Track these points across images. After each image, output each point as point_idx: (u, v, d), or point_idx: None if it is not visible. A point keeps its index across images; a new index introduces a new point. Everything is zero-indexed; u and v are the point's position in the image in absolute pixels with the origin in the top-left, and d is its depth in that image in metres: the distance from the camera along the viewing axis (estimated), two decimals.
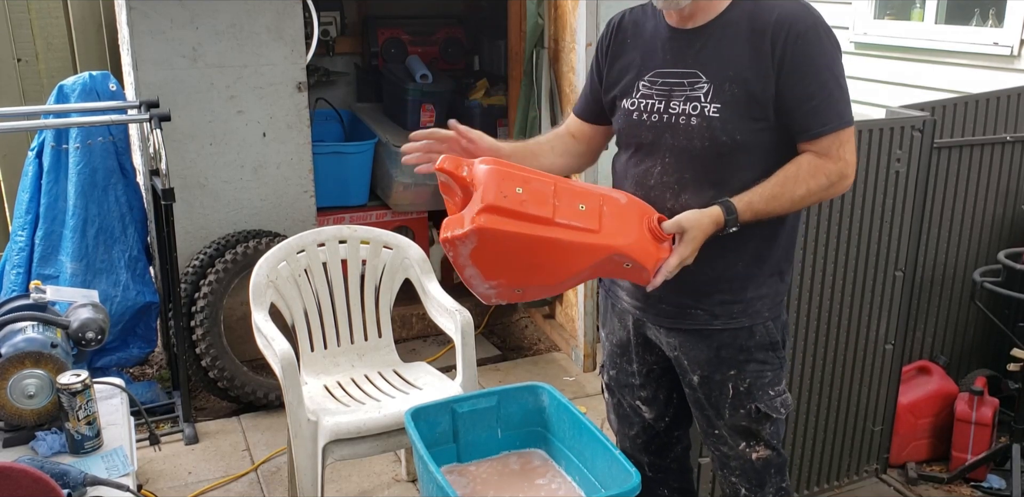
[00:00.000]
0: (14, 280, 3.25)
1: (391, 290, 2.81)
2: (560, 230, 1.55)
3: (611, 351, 2.04)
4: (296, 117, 3.50)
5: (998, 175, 3.05)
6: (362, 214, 4.17)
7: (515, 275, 1.61)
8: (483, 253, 1.56)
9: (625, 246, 1.57)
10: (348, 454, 2.40)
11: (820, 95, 1.66)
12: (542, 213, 1.55)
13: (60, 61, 3.82)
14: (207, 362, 3.22)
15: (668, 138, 1.73)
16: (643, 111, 1.76)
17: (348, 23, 4.72)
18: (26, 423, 1.82)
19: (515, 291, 1.64)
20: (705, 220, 1.63)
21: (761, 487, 1.92)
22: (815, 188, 1.68)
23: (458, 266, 1.62)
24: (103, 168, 3.23)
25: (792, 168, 1.68)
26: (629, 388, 2.03)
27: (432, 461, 1.71)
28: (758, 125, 1.68)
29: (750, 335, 1.81)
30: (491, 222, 1.52)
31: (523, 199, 1.55)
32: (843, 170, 1.70)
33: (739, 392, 1.83)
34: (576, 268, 1.59)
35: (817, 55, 1.65)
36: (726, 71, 1.67)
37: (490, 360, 3.88)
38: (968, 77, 3.71)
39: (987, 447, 2.86)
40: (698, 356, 1.83)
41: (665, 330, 1.86)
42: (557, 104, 3.60)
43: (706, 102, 1.68)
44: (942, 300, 3.12)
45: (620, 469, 1.73)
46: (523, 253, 1.56)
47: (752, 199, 1.66)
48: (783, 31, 1.63)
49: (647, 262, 1.59)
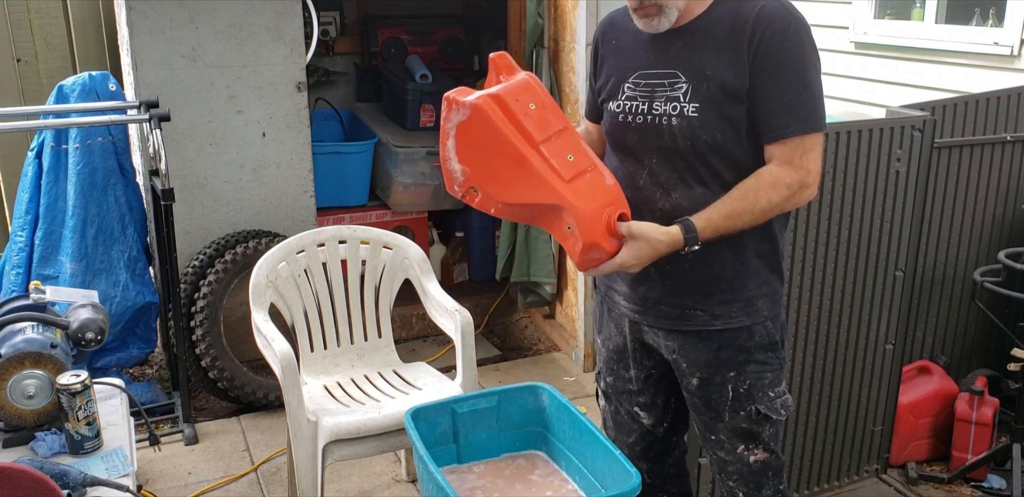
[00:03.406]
0: (14, 280, 3.25)
1: (391, 290, 2.80)
2: (536, 156, 1.61)
3: (608, 357, 2.03)
4: (296, 117, 3.50)
5: (998, 175, 3.05)
6: (362, 214, 4.17)
7: (480, 169, 1.66)
8: (467, 131, 1.63)
9: (576, 207, 1.60)
10: (348, 454, 2.40)
11: (790, 93, 1.64)
12: (534, 133, 1.61)
13: (60, 61, 3.81)
14: (207, 362, 3.22)
15: (653, 139, 1.74)
16: (628, 113, 1.77)
17: (348, 23, 4.72)
18: (26, 423, 1.82)
19: (471, 189, 1.68)
20: (659, 237, 1.64)
21: (759, 490, 1.91)
22: (776, 199, 1.66)
23: (443, 132, 1.67)
24: (103, 168, 3.23)
25: (752, 181, 1.67)
26: (627, 394, 2.02)
27: (432, 461, 1.71)
28: (734, 123, 1.68)
29: (750, 335, 1.80)
30: (489, 108, 1.60)
31: (529, 113, 1.62)
32: (804, 179, 1.67)
33: (739, 394, 1.83)
34: (527, 197, 1.63)
35: (793, 53, 1.64)
36: (704, 70, 1.67)
37: (490, 360, 3.88)
38: (968, 77, 3.71)
39: (987, 447, 2.86)
40: (697, 358, 1.82)
41: (664, 332, 1.85)
42: (557, 104, 3.60)
43: (685, 102, 1.69)
44: (942, 300, 3.12)
45: (620, 469, 1.72)
46: (495, 153, 1.62)
47: (712, 216, 1.65)
48: (761, 27, 1.63)
49: (585, 236, 1.61)
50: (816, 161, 1.68)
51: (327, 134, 4.44)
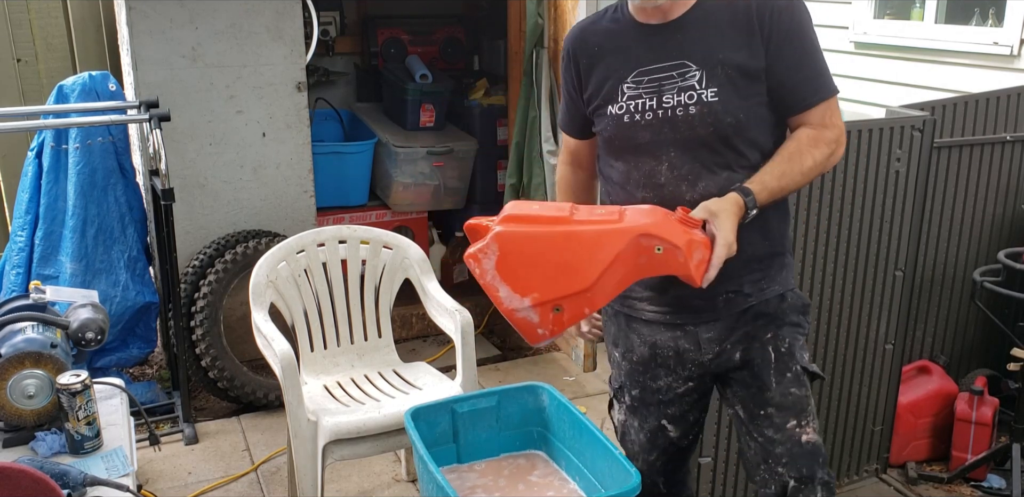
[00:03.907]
0: (14, 280, 3.25)
1: (391, 290, 2.80)
2: (578, 224, 1.59)
3: (631, 370, 1.93)
4: (296, 117, 3.50)
5: (998, 175, 3.05)
6: (362, 214, 4.17)
7: (546, 284, 1.59)
8: (508, 262, 1.59)
9: (650, 225, 1.56)
10: (348, 454, 2.40)
11: (808, 65, 1.72)
12: (559, 214, 1.60)
13: (60, 61, 3.81)
14: (207, 362, 3.22)
15: (668, 133, 1.72)
16: (634, 112, 1.75)
17: (348, 23, 4.72)
18: (26, 423, 1.82)
19: (554, 310, 1.60)
20: (728, 206, 1.62)
21: (812, 476, 1.80)
22: (820, 158, 1.71)
23: (489, 288, 1.61)
24: (103, 168, 3.23)
25: (792, 144, 1.72)
26: (655, 406, 1.93)
27: (432, 461, 1.71)
28: (754, 101, 1.71)
29: (781, 299, 1.83)
30: (509, 227, 1.59)
31: (538, 210, 1.63)
32: (839, 137, 1.74)
33: (781, 354, 1.81)
34: (604, 259, 1.56)
35: (800, 27, 1.71)
36: (715, 55, 1.69)
37: (490, 360, 3.89)
38: (968, 77, 3.71)
39: (987, 447, 2.86)
40: (738, 336, 1.81)
41: (704, 325, 1.82)
42: (557, 104, 3.59)
43: (702, 88, 1.69)
44: (942, 300, 3.12)
45: (620, 469, 1.72)
46: (546, 254, 1.58)
47: (764, 179, 1.67)
48: (766, 7, 1.68)
49: (678, 239, 1.55)
50: (840, 119, 1.76)
51: (327, 134, 4.44)
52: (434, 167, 4.13)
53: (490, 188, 4.42)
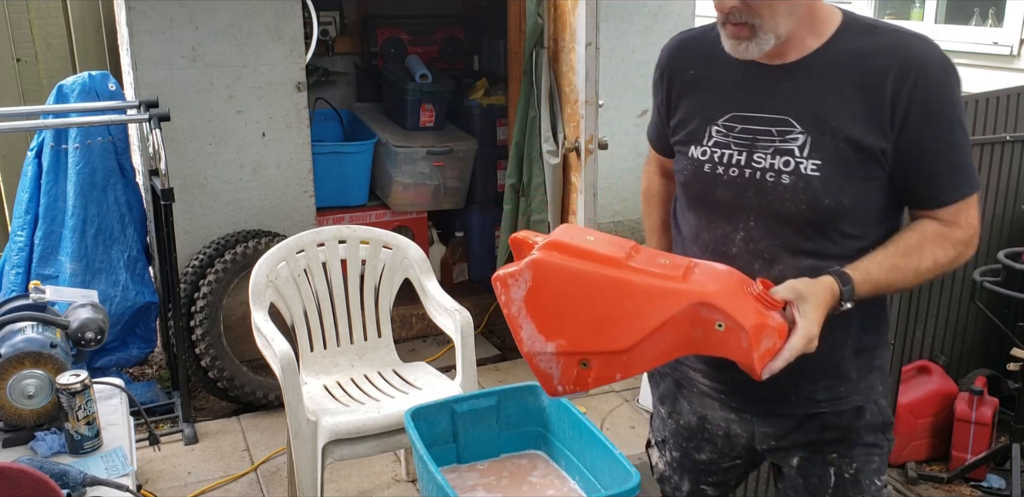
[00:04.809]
0: (13, 280, 3.25)
1: (391, 290, 2.80)
2: (632, 272, 1.32)
3: (676, 431, 1.74)
4: (296, 117, 3.50)
5: (998, 175, 3.05)
6: (361, 214, 4.17)
7: (578, 333, 1.34)
8: (539, 296, 1.35)
9: (717, 293, 1.28)
10: (348, 454, 2.40)
11: (949, 155, 1.39)
12: (613, 254, 1.34)
13: (59, 61, 3.81)
14: (207, 362, 3.22)
15: (752, 198, 1.44)
16: (718, 163, 1.47)
17: (348, 23, 4.72)
18: (25, 423, 1.82)
19: (580, 365, 1.36)
20: (821, 289, 1.33)
21: None
22: (943, 260, 1.41)
23: (512, 321, 1.38)
24: (102, 168, 3.23)
25: (914, 236, 1.42)
26: (695, 474, 1.77)
27: (432, 461, 1.71)
28: (867, 186, 1.40)
29: (858, 414, 1.55)
30: (550, 256, 1.34)
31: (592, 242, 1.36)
32: (971, 239, 1.44)
33: (843, 479, 1.56)
34: (651, 321, 1.30)
35: (949, 107, 1.38)
36: (828, 120, 1.38)
37: (490, 360, 3.88)
38: (968, 77, 3.71)
39: (987, 447, 2.86)
40: (798, 439, 1.57)
41: (760, 417, 1.58)
42: (556, 104, 3.59)
43: (802, 157, 1.39)
44: (942, 300, 3.12)
45: (620, 469, 1.72)
46: (586, 298, 1.33)
47: (870, 268, 1.37)
48: (910, 77, 1.36)
49: (746, 319, 1.27)
50: (978, 217, 1.45)
51: (327, 134, 4.44)
52: (434, 167, 4.13)
53: (490, 188, 4.42)
